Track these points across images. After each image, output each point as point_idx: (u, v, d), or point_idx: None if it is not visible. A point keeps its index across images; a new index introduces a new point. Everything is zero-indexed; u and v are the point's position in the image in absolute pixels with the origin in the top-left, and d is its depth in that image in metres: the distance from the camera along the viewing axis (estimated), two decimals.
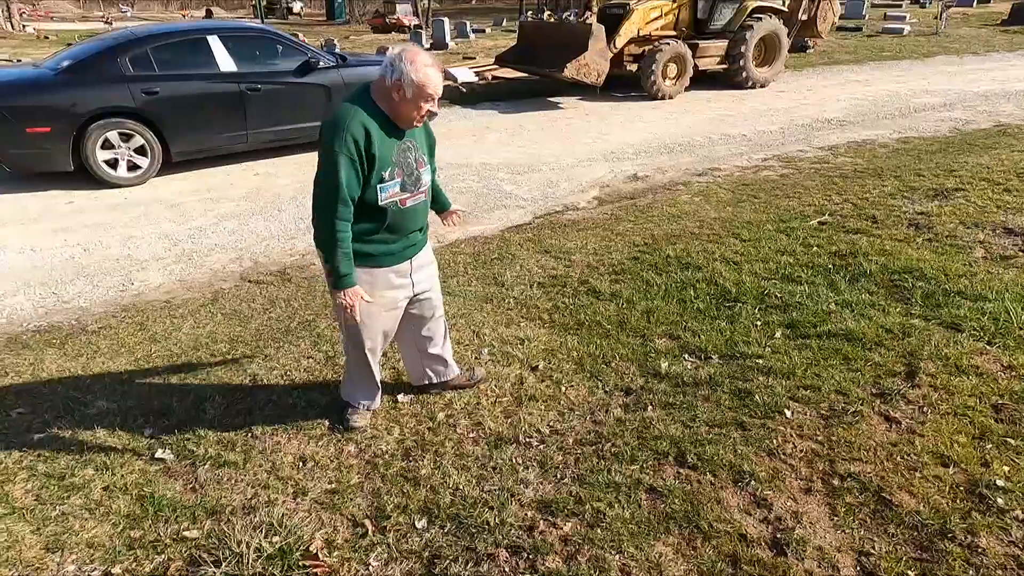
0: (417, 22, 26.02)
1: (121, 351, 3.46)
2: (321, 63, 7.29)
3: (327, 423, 2.79)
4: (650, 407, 2.81)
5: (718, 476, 2.38)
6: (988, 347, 3.10)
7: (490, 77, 12.63)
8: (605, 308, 3.70)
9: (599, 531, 2.16)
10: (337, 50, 15.74)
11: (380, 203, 2.28)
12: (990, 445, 2.45)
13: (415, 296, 2.63)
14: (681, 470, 2.43)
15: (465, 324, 3.62)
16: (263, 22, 20.08)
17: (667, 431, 2.63)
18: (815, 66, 13.78)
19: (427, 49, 14.78)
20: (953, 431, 2.54)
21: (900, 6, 24.21)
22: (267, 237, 5.21)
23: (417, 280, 2.59)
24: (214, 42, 6.75)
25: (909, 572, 1.96)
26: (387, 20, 27.19)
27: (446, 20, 19.03)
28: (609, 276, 4.15)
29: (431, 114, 2.27)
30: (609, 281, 4.07)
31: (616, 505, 2.26)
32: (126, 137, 6.26)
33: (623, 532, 2.15)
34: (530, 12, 22.31)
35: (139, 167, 6.41)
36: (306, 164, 7.28)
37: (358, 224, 2.30)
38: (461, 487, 2.41)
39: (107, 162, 6.23)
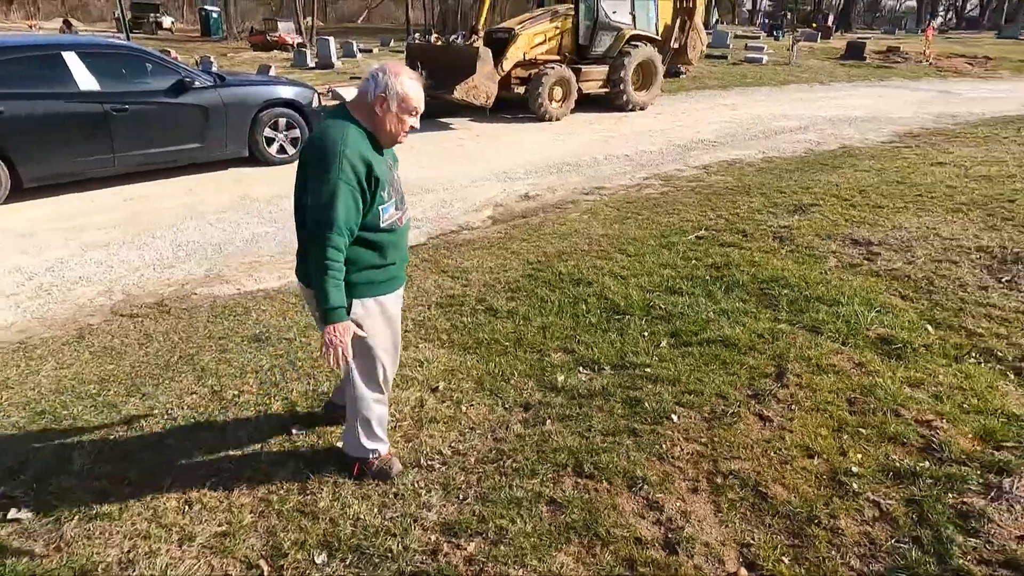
0: (300, 40, 25.40)
1: None
2: (197, 83, 6.96)
3: (215, 463, 2.64)
4: (548, 421, 2.89)
5: (613, 483, 2.49)
6: (843, 347, 3.45)
7: None
8: (502, 326, 3.77)
9: (502, 547, 2.19)
10: (215, 69, 15.06)
11: (382, 225, 2.18)
12: (846, 436, 2.73)
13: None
14: (579, 480, 2.51)
15: None
16: (128, 38, 18.78)
17: (565, 443, 2.72)
18: (688, 90, 14.80)
19: (312, 68, 14.42)
20: (816, 425, 2.80)
21: (758, 38, 26.55)
22: (140, 267, 4.88)
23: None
24: (71, 58, 6.26)
25: (784, 558, 2.14)
26: (268, 38, 26.34)
27: (331, 39, 18.71)
28: (505, 294, 4.23)
29: (413, 129, 2.21)
30: (505, 299, 4.15)
31: (518, 520, 2.30)
32: None
33: (525, 546, 2.19)
34: (417, 34, 22.38)
35: None
36: (185, 187, 6.90)
37: (368, 251, 2.19)
38: (362, 516, 2.36)
39: None
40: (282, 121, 7.73)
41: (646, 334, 3.64)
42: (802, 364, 3.27)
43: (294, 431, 2.86)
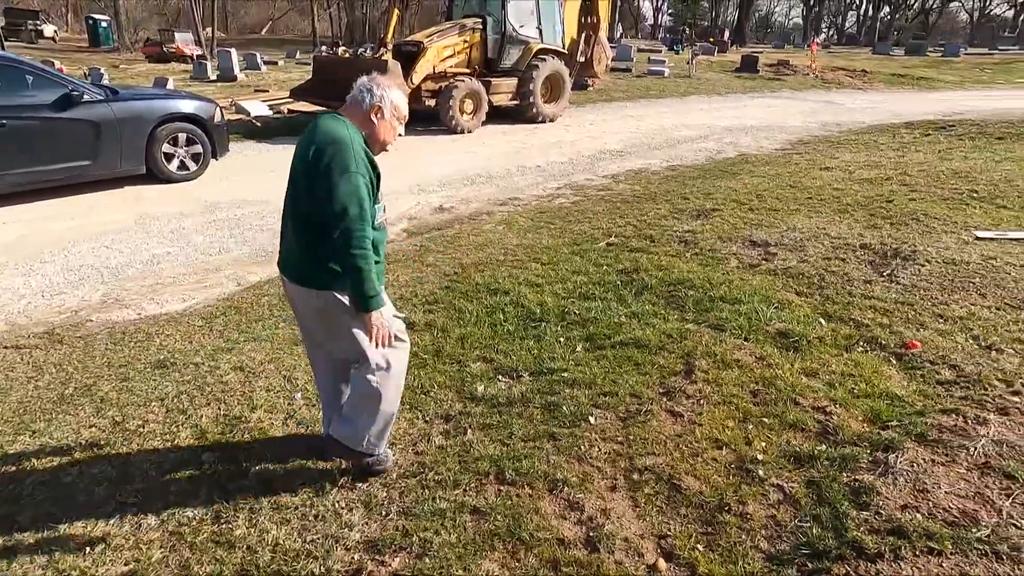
0: (200, 52, 24.37)
1: None
2: (85, 96, 6.55)
3: (119, 497, 2.49)
4: (469, 430, 2.91)
5: (535, 487, 2.53)
6: (745, 342, 3.66)
7: (286, 111, 12.22)
8: (421, 338, 3.76)
9: (427, 560, 2.19)
10: (105, 81, 14.22)
11: (375, 225, 2.25)
12: (751, 425, 2.89)
13: None
14: (501, 487, 2.54)
15: (275, 369, 3.46)
16: (3, 47, 17.41)
17: (486, 451, 2.74)
18: (595, 102, 15.27)
19: (213, 81, 13.88)
20: (724, 417, 2.96)
21: (660, 52, 27.76)
22: (27, 294, 4.53)
23: None
24: None
25: (698, 546, 2.25)
26: (165, 49, 25.12)
27: (233, 51, 18.05)
28: (423, 307, 4.22)
29: (399, 135, 2.38)
30: (423, 312, 4.14)
31: (442, 531, 2.30)
32: None
33: (451, 557, 2.20)
34: (324, 46, 21.96)
35: None
36: (77, 207, 6.46)
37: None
38: (281, 541, 2.29)
39: None
40: (182, 136, 7.39)
41: (562, 340, 3.72)
42: (709, 360, 3.44)
43: (205, 458, 2.74)
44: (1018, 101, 16.78)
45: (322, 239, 2.14)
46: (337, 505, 2.47)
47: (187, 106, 7.49)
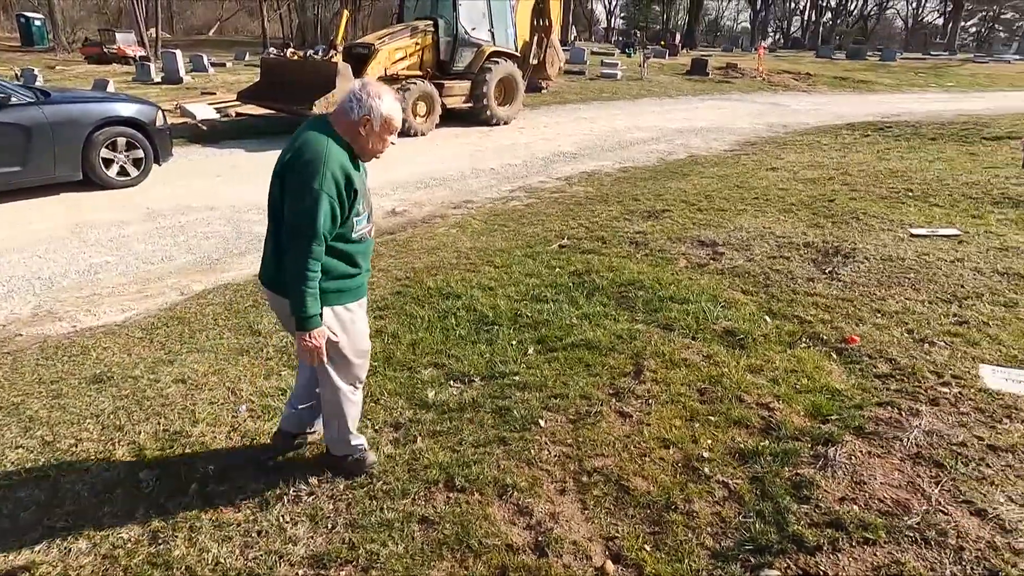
0: (143, 53, 23.59)
1: None
2: (13, 99, 6.26)
3: (47, 521, 2.38)
4: (419, 438, 2.88)
5: (484, 493, 2.52)
6: (693, 341, 3.72)
7: (234, 114, 11.93)
8: (371, 345, 3.69)
9: (374, 573, 2.15)
10: (38, 83, 13.68)
11: (355, 235, 2.28)
12: (697, 424, 2.94)
13: None
14: (450, 494, 2.52)
15: (218, 381, 3.36)
16: None
17: (436, 459, 2.71)
18: (549, 105, 15.37)
19: (157, 83, 13.44)
20: (671, 417, 3.00)
21: (613, 55, 28.11)
22: None
23: None
24: None
25: (646, 546, 2.27)
26: (106, 50, 24.22)
27: (178, 52, 17.53)
28: (373, 312, 4.16)
29: (392, 144, 2.33)
30: (374, 317, 4.08)
31: (389, 543, 2.27)
32: None
33: (398, 568, 2.16)
34: (274, 48, 21.54)
35: None
36: (6, 216, 6.16)
37: (339, 261, 2.27)
38: (223, 560, 2.23)
39: None
40: (121, 141, 7.12)
41: (514, 343, 3.72)
42: (657, 360, 3.49)
43: (142, 476, 2.64)
44: (948, 103, 17.60)
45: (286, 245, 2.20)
46: (282, 520, 2.41)
47: (127, 109, 7.23)
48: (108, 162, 7.09)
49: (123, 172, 7.23)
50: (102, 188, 7.08)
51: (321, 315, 2.22)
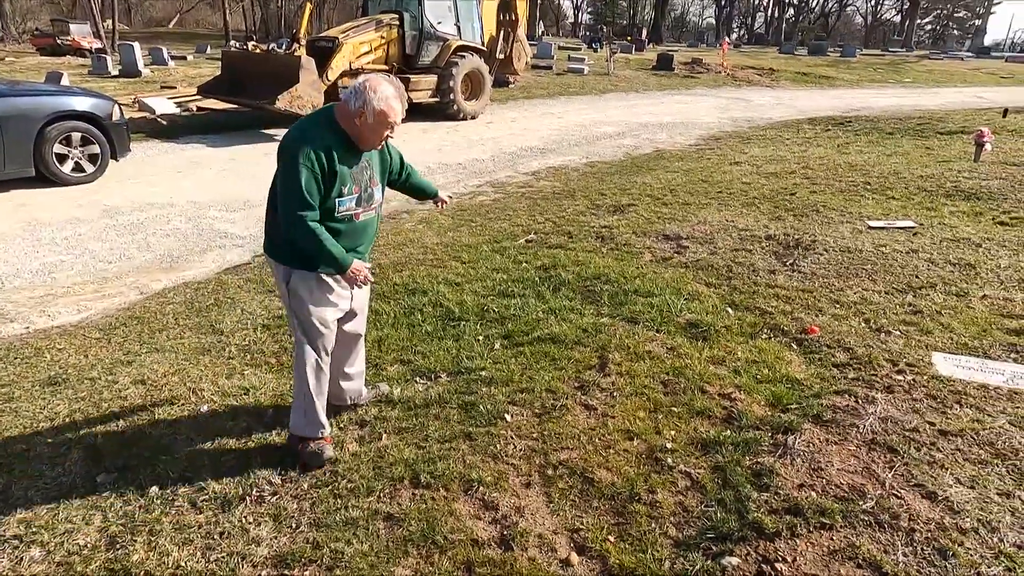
0: (100, 45, 22.89)
1: None
2: None
3: None
4: (384, 435, 2.86)
5: (450, 489, 2.51)
6: (657, 334, 3.76)
7: (195, 108, 11.66)
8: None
9: (338, 572, 2.14)
10: None
11: (337, 215, 2.43)
12: (661, 415, 2.98)
13: (351, 311, 2.73)
14: (416, 491, 2.51)
15: (179, 382, 3.29)
16: None
17: (401, 456, 2.70)
18: (517, 99, 15.35)
19: (115, 76, 13.08)
20: (635, 408, 3.03)
21: (580, 50, 28.21)
22: None
23: (355, 295, 2.70)
24: None
25: (610, 537, 2.30)
26: (59, 41, 23.44)
27: (136, 45, 17.06)
28: None
29: (391, 135, 2.46)
30: None
31: (354, 541, 2.25)
32: None
33: (363, 566, 2.15)
34: (236, 41, 21.10)
35: None
36: None
37: None
38: (183, 563, 2.19)
39: None
40: (76, 136, 6.91)
41: (481, 338, 3.72)
42: (622, 353, 3.52)
43: (100, 479, 2.58)
44: (906, 99, 18.07)
45: (274, 213, 2.48)
46: (244, 520, 2.37)
47: (81, 103, 7.01)
48: (62, 158, 6.87)
49: (78, 168, 7.02)
50: (56, 185, 6.86)
51: (340, 259, 2.40)
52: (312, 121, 2.44)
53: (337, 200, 2.41)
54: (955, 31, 63.29)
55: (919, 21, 55.78)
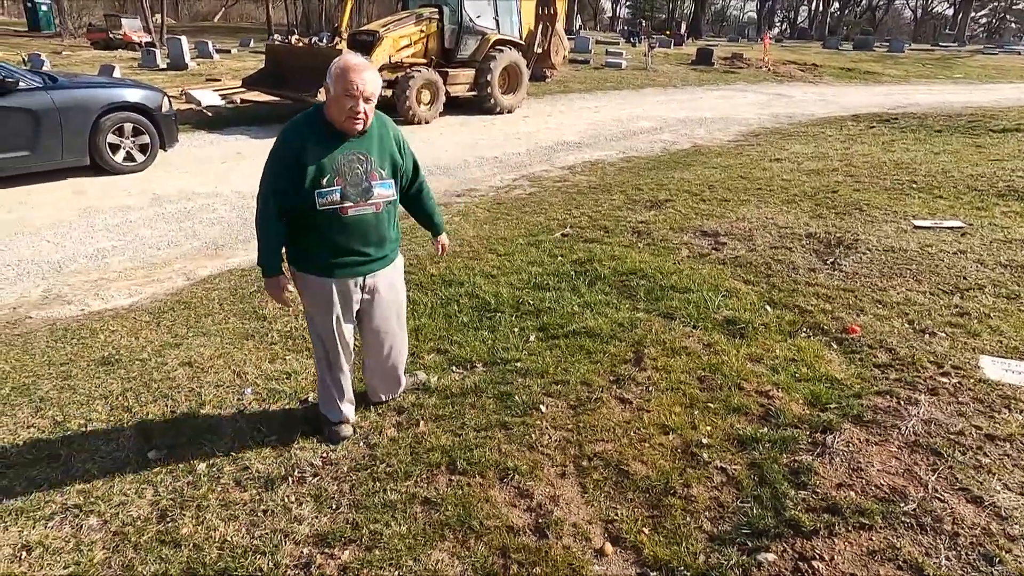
0: (149, 39, 23.54)
1: None
2: (22, 84, 6.29)
3: (59, 499, 2.43)
4: (422, 422, 2.92)
5: (486, 476, 2.56)
6: (693, 330, 3.74)
7: (239, 100, 11.93)
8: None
9: (377, 552, 2.20)
10: (46, 68, 13.68)
11: (318, 207, 2.36)
12: (697, 411, 2.97)
13: (370, 314, 2.68)
14: (452, 477, 2.56)
15: (224, 364, 3.40)
16: None
17: (438, 442, 2.76)
18: (553, 94, 15.31)
19: (163, 69, 13.41)
20: (671, 403, 3.03)
21: (618, 44, 27.95)
22: None
23: (369, 299, 2.64)
24: None
25: (644, 529, 2.31)
26: (111, 35, 24.17)
27: (184, 39, 17.50)
28: None
29: (358, 113, 2.29)
30: None
31: (392, 523, 2.31)
32: None
33: (400, 548, 2.21)
34: (278, 35, 21.48)
35: None
36: (15, 199, 6.21)
37: (305, 232, 2.44)
38: (229, 538, 2.27)
39: None
40: (128, 127, 7.15)
41: (516, 330, 3.75)
42: (658, 348, 3.51)
43: (151, 456, 2.69)
44: (956, 95, 17.46)
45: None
46: (287, 500, 2.45)
47: (133, 95, 7.25)
48: (115, 147, 7.12)
49: (129, 158, 7.27)
50: (108, 173, 7.12)
51: (264, 262, 2.47)
52: (301, 115, 2.43)
53: (316, 192, 2.32)
54: (1013, 24, 60.77)
55: (973, 14, 53.74)
